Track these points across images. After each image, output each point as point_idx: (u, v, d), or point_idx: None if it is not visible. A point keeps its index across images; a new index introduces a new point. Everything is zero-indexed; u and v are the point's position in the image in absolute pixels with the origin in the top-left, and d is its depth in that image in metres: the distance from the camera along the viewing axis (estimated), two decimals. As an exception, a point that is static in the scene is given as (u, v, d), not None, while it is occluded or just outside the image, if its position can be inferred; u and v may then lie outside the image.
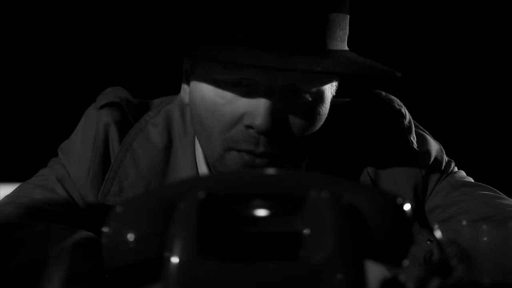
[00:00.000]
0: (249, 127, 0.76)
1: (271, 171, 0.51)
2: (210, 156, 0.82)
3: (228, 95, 0.77)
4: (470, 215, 0.85)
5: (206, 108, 0.79)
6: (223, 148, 0.79)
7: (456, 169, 0.96)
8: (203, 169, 0.89)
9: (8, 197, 0.87)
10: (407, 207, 0.49)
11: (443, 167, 0.94)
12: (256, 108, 0.75)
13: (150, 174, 0.87)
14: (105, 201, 0.85)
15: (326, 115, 0.84)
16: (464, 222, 0.53)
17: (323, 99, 0.81)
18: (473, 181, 0.95)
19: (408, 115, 0.96)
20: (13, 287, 0.68)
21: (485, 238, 0.51)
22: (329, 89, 0.83)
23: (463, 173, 0.96)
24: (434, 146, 0.96)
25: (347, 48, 0.82)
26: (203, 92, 0.80)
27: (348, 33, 0.82)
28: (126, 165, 0.87)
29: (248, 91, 0.77)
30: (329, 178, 0.53)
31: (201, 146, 0.84)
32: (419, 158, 0.92)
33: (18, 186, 0.90)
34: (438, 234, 0.50)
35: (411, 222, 0.49)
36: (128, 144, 0.89)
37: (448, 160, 0.96)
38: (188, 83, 0.86)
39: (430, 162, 0.93)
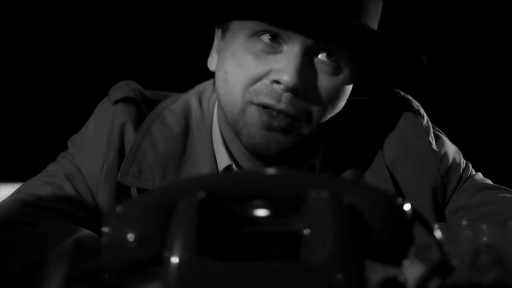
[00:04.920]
0: (275, 82, 0.78)
1: (271, 171, 0.51)
2: (230, 112, 0.83)
3: (259, 51, 0.80)
4: (494, 218, 0.85)
5: (234, 62, 0.81)
6: (244, 101, 0.80)
7: (474, 171, 0.96)
8: (221, 155, 0.89)
9: (15, 193, 0.87)
10: (407, 207, 0.49)
11: (461, 169, 0.94)
12: (287, 64, 0.78)
13: (168, 157, 0.87)
14: (124, 182, 0.85)
15: (344, 101, 0.86)
16: (464, 222, 0.53)
17: (346, 78, 0.83)
18: (492, 183, 0.94)
19: (426, 116, 0.96)
20: (15, 287, 0.68)
21: (485, 238, 0.52)
22: (353, 73, 0.84)
23: (481, 175, 0.96)
24: (452, 148, 0.96)
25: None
26: (234, 48, 0.82)
27: (378, 20, 0.85)
28: (144, 148, 0.87)
29: (279, 50, 0.79)
30: (329, 178, 0.53)
31: (223, 107, 0.85)
32: (438, 159, 0.92)
33: (25, 182, 0.89)
34: (438, 234, 0.50)
35: (411, 222, 0.49)
36: (146, 128, 0.89)
37: (466, 162, 0.96)
38: (217, 49, 0.88)
39: (449, 164, 0.93)
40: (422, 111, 0.96)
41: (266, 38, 0.79)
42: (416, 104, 0.96)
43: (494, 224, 0.53)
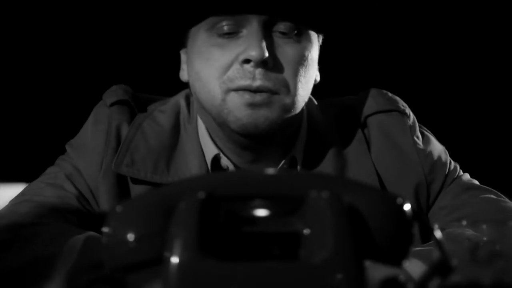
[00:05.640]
0: (245, 61, 0.80)
1: (271, 171, 0.51)
2: (212, 106, 0.84)
3: (221, 41, 0.82)
4: (476, 218, 0.86)
5: (202, 59, 0.83)
6: (222, 91, 0.82)
7: (461, 172, 0.97)
8: (208, 147, 0.90)
9: (20, 196, 0.89)
10: (407, 207, 0.49)
11: (447, 168, 0.95)
12: (250, 42, 0.80)
13: (159, 151, 0.90)
14: (118, 171, 0.88)
15: (314, 68, 0.88)
16: (464, 222, 0.53)
17: (310, 41, 0.85)
18: (478, 184, 0.95)
19: (412, 116, 0.98)
20: (22, 280, 0.68)
21: (485, 238, 0.51)
22: (315, 36, 0.87)
23: (468, 176, 0.97)
24: (438, 147, 0.97)
25: None
26: (198, 48, 0.84)
27: None
28: (137, 141, 0.90)
29: (240, 35, 0.82)
30: (329, 178, 0.53)
31: (204, 105, 0.86)
32: (422, 157, 0.93)
33: (28, 185, 0.91)
34: (438, 234, 0.50)
35: (411, 222, 0.49)
36: (138, 124, 0.92)
37: (454, 164, 0.97)
38: (185, 61, 0.90)
39: (434, 161, 0.94)
40: (408, 111, 0.97)
41: (224, 27, 0.82)
42: (402, 104, 0.98)
43: (494, 224, 0.53)
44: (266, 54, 0.79)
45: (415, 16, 1.82)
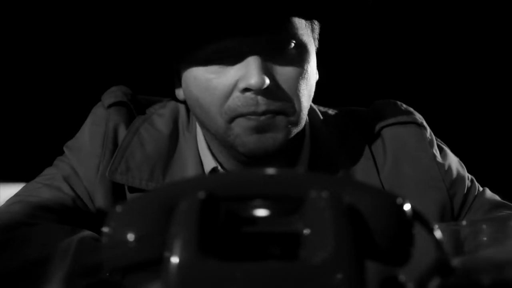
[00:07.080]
0: (245, 90, 0.77)
1: (271, 171, 0.51)
2: (217, 132, 0.82)
3: (217, 68, 0.79)
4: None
5: (200, 87, 0.80)
6: (225, 121, 0.80)
7: (480, 187, 0.94)
8: (207, 158, 0.90)
9: (16, 196, 0.88)
10: (407, 207, 0.49)
11: (466, 181, 0.92)
12: (247, 69, 0.77)
13: (156, 158, 0.89)
14: (113, 178, 0.87)
15: (315, 77, 0.85)
16: (464, 222, 0.53)
17: (307, 50, 0.82)
18: (502, 200, 0.92)
19: (428, 128, 0.94)
20: (16, 284, 0.68)
21: (485, 238, 0.52)
22: (309, 39, 0.83)
23: (488, 190, 0.94)
24: (454, 159, 0.94)
25: None
26: (194, 74, 0.81)
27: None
28: (133, 147, 0.89)
29: (235, 60, 0.78)
30: (329, 178, 0.53)
31: (208, 129, 0.84)
32: (443, 171, 0.90)
33: (25, 185, 0.91)
34: (438, 234, 0.50)
35: (411, 222, 0.49)
36: (135, 129, 0.91)
37: (471, 178, 0.94)
38: (179, 80, 0.87)
39: (454, 176, 0.91)
40: (425, 123, 0.94)
41: (218, 52, 0.78)
42: (419, 116, 0.94)
43: (494, 224, 0.53)
44: (267, 81, 0.76)
45: (420, 22, 1.81)
